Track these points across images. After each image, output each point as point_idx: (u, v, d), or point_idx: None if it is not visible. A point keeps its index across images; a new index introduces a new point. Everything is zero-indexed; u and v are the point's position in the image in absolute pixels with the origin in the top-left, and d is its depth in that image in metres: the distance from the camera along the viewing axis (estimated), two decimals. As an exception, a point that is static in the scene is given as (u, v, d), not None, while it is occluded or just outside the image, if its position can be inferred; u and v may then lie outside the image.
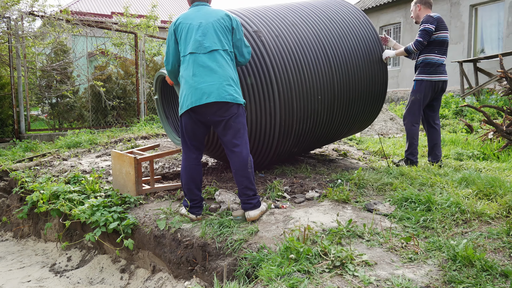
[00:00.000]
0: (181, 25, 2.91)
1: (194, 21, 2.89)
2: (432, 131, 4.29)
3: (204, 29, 2.85)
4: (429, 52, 4.11)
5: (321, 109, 3.90)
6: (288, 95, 3.59)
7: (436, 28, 4.04)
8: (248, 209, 2.85)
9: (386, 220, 2.74)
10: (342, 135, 4.61)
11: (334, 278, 1.97)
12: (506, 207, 2.69)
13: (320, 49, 3.87)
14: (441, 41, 4.09)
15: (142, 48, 8.76)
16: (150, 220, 3.05)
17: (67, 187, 3.61)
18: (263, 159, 3.89)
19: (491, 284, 1.85)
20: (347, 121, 4.30)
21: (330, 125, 4.16)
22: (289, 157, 4.42)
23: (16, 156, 5.27)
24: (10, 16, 6.68)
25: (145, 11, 12.04)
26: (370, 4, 15.18)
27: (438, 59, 4.11)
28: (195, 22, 2.88)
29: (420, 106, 4.18)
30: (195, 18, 2.90)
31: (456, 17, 12.32)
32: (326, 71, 3.85)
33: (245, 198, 2.85)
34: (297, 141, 3.95)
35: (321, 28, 4.00)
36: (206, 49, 2.82)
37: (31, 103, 7.59)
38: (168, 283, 2.82)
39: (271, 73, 3.51)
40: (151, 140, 5.89)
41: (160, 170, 4.23)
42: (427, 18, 4.05)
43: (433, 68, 4.11)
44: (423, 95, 4.15)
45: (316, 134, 4.09)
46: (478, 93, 9.98)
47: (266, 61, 3.52)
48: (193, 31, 2.85)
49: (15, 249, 3.92)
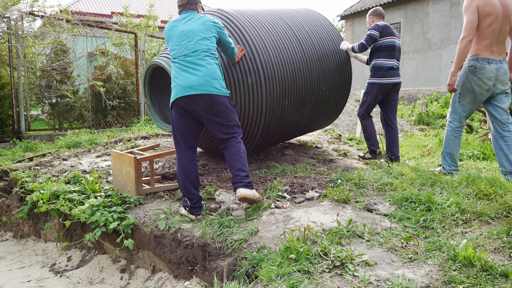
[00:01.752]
0: (170, 32, 3.26)
1: (179, 28, 3.22)
2: (390, 130, 4.59)
3: (190, 34, 3.16)
4: (378, 57, 4.50)
5: (301, 100, 4.36)
6: (272, 88, 3.98)
7: (382, 34, 4.46)
8: (240, 186, 2.92)
9: (386, 220, 2.74)
10: (317, 122, 5.07)
11: (334, 278, 1.97)
12: (506, 207, 2.69)
13: (298, 47, 4.34)
14: (389, 46, 4.46)
15: (142, 48, 8.77)
16: (150, 220, 3.05)
17: (67, 187, 3.61)
18: (250, 143, 4.19)
19: (491, 284, 1.85)
20: (319, 109, 4.80)
21: (308, 113, 4.65)
22: (271, 144, 4.80)
23: (16, 156, 5.27)
24: (10, 16, 6.68)
25: (145, 11, 12.04)
26: (370, 4, 15.18)
27: (387, 63, 4.45)
28: (180, 29, 3.21)
29: (370, 105, 4.58)
30: (182, 26, 3.22)
31: (456, 17, 12.31)
32: (303, 67, 4.33)
33: (237, 178, 2.97)
34: (279, 128, 4.36)
35: (299, 30, 4.51)
36: (190, 50, 3.11)
37: (31, 103, 7.59)
38: (168, 283, 2.82)
39: (259, 69, 3.86)
40: (151, 140, 5.89)
41: (160, 170, 4.23)
42: (373, 26, 4.52)
43: (382, 72, 4.46)
44: (373, 96, 4.54)
45: (294, 122, 4.55)
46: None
47: (256, 59, 3.85)
48: (180, 37, 3.18)
49: (15, 249, 3.92)
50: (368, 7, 14.97)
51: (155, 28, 11.01)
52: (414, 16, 13.71)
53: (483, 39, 3.49)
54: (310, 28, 4.65)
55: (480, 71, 3.51)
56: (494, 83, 3.54)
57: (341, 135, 6.90)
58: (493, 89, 3.56)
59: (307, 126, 4.92)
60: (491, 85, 3.54)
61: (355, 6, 16.46)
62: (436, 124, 8.47)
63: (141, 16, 11.44)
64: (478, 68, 3.52)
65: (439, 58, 12.95)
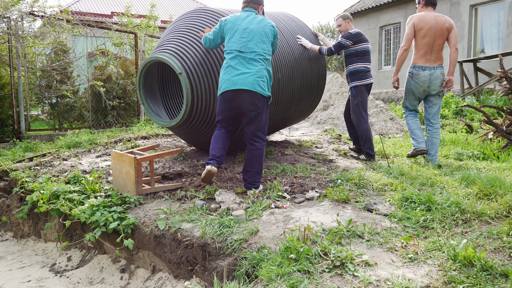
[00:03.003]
0: (230, 24, 3.61)
1: (241, 24, 3.57)
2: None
3: (251, 33, 3.53)
4: (357, 62, 4.80)
5: (285, 94, 4.67)
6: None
7: (355, 42, 4.76)
8: (252, 188, 3.49)
9: (386, 220, 2.74)
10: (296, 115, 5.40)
11: (334, 278, 1.97)
12: (506, 207, 2.69)
13: (285, 46, 4.69)
14: (363, 51, 4.80)
15: (142, 48, 8.76)
16: (150, 220, 3.05)
17: (67, 187, 3.60)
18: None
19: (491, 284, 1.85)
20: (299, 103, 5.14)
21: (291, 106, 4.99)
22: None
23: (16, 156, 5.27)
24: (10, 16, 6.68)
25: (145, 11, 12.04)
26: (370, 4, 15.19)
27: (366, 67, 4.81)
28: (243, 26, 3.56)
29: (363, 106, 4.81)
30: (245, 23, 3.58)
31: (456, 17, 12.32)
32: (291, 63, 4.70)
33: (253, 180, 3.49)
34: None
35: (284, 29, 4.91)
36: (249, 49, 3.50)
37: (31, 103, 7.59)
38: (168, 283, 2.82)
39: None
40: (151, 140, 5.89)
41: (160, 170, 4.23)
42: (346, 34, 4.79)
43: (362, 74, 4.78)
44: (363, 97, 4.79)
45: (281, 115, 4.90)
46: (478, 93, 9.98)
47: None
48: (242, 33, 3.53)
49: (15, 249, 3.92)
50: (368, 7, 14.97)
51: (156, 28, 11.01)
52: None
53: (419, 50, 4.31)
54: (290, 25, 5.09)
55: (416, 76, 4.35)
56: (428, 85, 4.35)
57: (341, 135, 6.90)
58: (428, 90, 4.39)
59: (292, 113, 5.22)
60: (425, 87, 4.37)
61: (355, 6, 16.46)
62: (436, 124, 8.47)
63: (141, 16, 11.44)
64: (414, 74, 4.36)
65: (439, 58, 12.95)
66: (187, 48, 4.08)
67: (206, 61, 4.04)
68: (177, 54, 4.05)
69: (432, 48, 4.27)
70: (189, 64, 4.00)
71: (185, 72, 3.96)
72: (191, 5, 23.73)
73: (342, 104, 8.51)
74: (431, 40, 4.25)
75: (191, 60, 4.02)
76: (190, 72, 3.98)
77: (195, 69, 4.00)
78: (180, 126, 4.21)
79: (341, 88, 8.92)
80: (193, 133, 4.36)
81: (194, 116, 4.11)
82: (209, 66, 4.04)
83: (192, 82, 3.98)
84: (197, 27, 4.19)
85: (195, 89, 4.00)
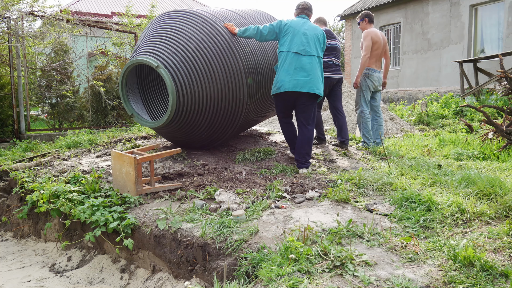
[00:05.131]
0: (291, 28, 4.14)
1: (301, 29, 4.14)
2: (338, 117, 5.50)
3: (309, 38, 4.13)
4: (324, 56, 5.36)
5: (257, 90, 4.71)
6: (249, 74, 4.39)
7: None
8: (303, 167, 4.16)
9: (386, 220, 2.74)
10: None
11: (334, 278, 1.97)
12: (506, 207, 2.69)
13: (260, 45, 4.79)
14: (330, 47, 5.36)
15: (142, 48, 8.75)
16: (150, 220, 3.05)
17: (67, 187, 3.60)
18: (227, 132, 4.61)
19: (491, 284, 1.85)
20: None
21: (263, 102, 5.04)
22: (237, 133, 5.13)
23: (16, 156, 5.27)
24: (10, 16, 6.68)
25: (145, 11, 12.04)
26: (370, 4, 15.18)
27: (327, 60, 5.37)
28: (302, 31, 4.13)
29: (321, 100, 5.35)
30: (302, 28, 4.16)
31: (456, 17, 12.31)
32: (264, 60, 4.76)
33: (304, 160, 4.17)
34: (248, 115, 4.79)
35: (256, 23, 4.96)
36: (307, 53, 4.09)
37: (31, 103, 7.58)
38: (168, 283, 2.82)
39: (240, 65, 4.27)
40: (151, 140, 5.89)
41: (160, 170, 4.23)
42: None
43: (330, 68, 5.35)
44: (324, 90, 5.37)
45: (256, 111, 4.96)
46: (478, 93, 9.98)
47: (237, 56, 4.26)
48: (301, 36, 4.11)
49: (15, 249, 3.92)
50: (368, 7, 14.97)
51: (155, 28, 10.98)
52: (414, 16, 13.71)
53: (372, 57, 5.53)
54: (260, 20, 5.20)
55: (370, 76, 5.53)
56: (377, 84, 5.59)
57: (341, 135, 6.88)
58: (376, 87, 5.61)
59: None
60: (377, 85, 5.59)
61: (355, 6, 16.46)
62: (436, 124, 8.47)
63: (141, 16, 11.43)
64: (370, 74, 5.53)
65: (439, 58, 12.94)
66: (162, 45, 4.11)
67: (184, 54, 4.06)
68: (150, 53, 4.07)
69: (379, 57, 5.61)
70: (165, 58, 4.01)
71: (163, 65, 3.98)
72: (191, 5, 23.71)
73: (342, 104, 8.50)
74: (380, 52, 5.55)
75: (166, 55, 4.03)
76: (168, 65, 3.99)
77: (173, 62, 4.01)
78: (171, 122, 4.19)
79: (341, 88, 8.91)
80: (186, 128, 4.36)
81: (182, 110, 4.11)
82: (189, 58, 4.05)
83: (173, 74, 3.99)
84: (169, 28, 4.24)
85: (177, 81, 4.00)
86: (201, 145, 4.74)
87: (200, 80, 4.07)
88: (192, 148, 4.83)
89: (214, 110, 4.25)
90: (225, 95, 4.23)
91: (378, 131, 5.66)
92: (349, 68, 16.35)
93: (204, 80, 4.09)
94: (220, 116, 4.34)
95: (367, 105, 5.59)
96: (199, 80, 4.07)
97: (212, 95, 4.16)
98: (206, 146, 4.81)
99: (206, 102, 4.17)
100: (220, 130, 4.50)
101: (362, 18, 5.68)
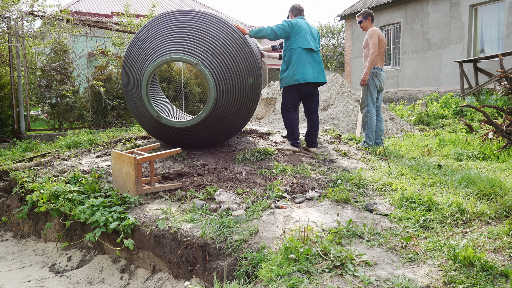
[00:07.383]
0: (300, 27, 4.77)
1: (304, 27, 4.82)
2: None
3: (312, 35, 4.88)
4: None
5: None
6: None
7: None
8: (314, 146, 5.14)
9: (386, 220, 2.74)
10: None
11: (334, 278, 1.97)
12: (506, 207, 2.69)
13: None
14: None
15: (142, 48, 8.74)
16: (150, 220, 3.05)
17: (67, 187, 3.60)
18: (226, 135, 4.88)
19: (491, 284, 1.85)
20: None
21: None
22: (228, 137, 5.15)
23: (16, 156, 5.27)
24: (10, 16, 6.68)
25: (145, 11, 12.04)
26: (370, 4, 15.18)
27: None
28: (306, 29, 4.83)
29: None
30: (306, 27, 4.85)
31: (456, 17, 12.31)
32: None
33: (316, 140, 5.16)
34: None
35: None
36: (316, 49, 4.88)
37: (31, 103, 7.58)
38: (168, 283, 2.82)
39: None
40: (151, 140, 5.89)
41: (160, 170, 4.23)
42: None
43: None
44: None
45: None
46: (478, 93, 9.98)
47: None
48: (305, 34, 4.79)
49: (15, 249, 3.92)
50: (368, 7, 14.97)
51: (155, 28, 10.96)
52: (414, 16, 13.71)
53: (377, 56, 5.56)
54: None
55: (378, 76, 5.59)
56: (383, 83, 5.71)
57: (341, 135, 6.89)
58: (381, 87, 5.69)
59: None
60: (382, 84, 5.69)
61: (355, 6, 16.46)
62: (436, 124, 8.47)
63: (141, 16, 11.43)
64: (377, 74, 5.58)
65: (439, 58, 12.94)
66: (191, 43, 4.26)
67: (214, 51, 4.28)
68: (182, 51, 4.22)
69: (383, 56, 5.72)
70: (200, 56, 4.21)
71: (201, 63, 4.16)
72: (191, 5, 23.71)
73: (342, 104, 8.50)
74: (383, 50, 5.67)
75: (200, 52, 4.23)
76: (204, 62, 4.19)
77: (207, 59, 4.23)
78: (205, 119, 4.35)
79: (341, 88, 8.91)
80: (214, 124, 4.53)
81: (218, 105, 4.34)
82: (219, 55, 4.27)
83: (211, 71, 4.20)
84: (188, 26, 4.36)
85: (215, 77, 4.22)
86: (210, 143, 4.96)
87: (230, 75, 4.35)
88: (195, 148, 4.85)
89: (238, 103, 4.56)
90: (246, 87, 4.57)
91: (379, 131, 5.70)
92: (349, 68, 16.35)
93: (233, 75, 4.37)
94: (242, 109, 4.66)
95: (374, 105, 5.59)
96: (230, 75, 4.36)
97: (239, 89, 4.49)
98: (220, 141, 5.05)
99: (235, 96, 4.46)
100: (238, 124, 4.86)
101: (365, 16, 5.67)
